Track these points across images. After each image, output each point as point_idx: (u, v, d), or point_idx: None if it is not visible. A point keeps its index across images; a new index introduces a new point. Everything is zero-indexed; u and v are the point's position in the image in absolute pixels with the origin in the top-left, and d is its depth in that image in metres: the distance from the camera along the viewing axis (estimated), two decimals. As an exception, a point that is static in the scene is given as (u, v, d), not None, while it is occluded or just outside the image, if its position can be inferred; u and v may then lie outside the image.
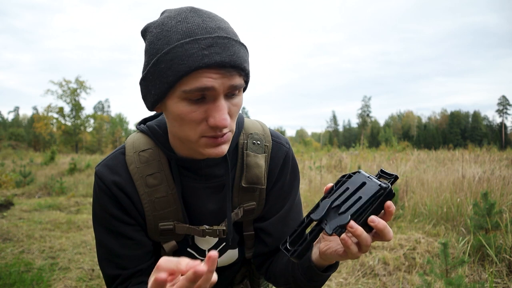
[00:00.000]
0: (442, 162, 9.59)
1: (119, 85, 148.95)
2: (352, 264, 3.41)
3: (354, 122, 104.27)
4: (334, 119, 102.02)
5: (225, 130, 0.68)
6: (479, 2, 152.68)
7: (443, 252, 2.31)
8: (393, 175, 0.61)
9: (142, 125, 0.85)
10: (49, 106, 57.97)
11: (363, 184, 0.61)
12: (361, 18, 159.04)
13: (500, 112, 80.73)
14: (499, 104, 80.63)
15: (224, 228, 0.81)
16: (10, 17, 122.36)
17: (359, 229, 0.59)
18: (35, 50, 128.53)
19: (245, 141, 0.83)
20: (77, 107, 57.98)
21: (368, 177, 0.62)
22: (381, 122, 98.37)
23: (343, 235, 0.60)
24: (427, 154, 14.22)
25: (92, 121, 63.76)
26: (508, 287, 2.72)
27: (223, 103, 0.65)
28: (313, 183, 6.56)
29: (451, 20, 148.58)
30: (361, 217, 0.60)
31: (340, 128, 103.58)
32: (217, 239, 0.86)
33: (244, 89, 0.75)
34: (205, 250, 0.86)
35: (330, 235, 0.60)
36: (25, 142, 60.42)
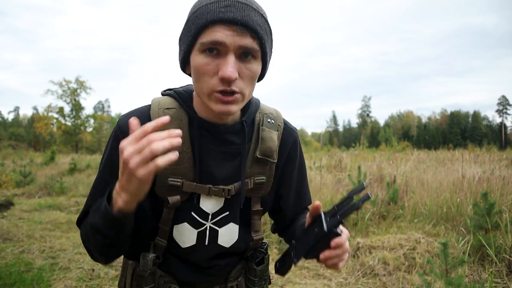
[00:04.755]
0: (442, 162, 9.59)
1: (119, 85, 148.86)
2: (352, 264, 3.41)
3: (354, 122, 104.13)
4: (334, 119, 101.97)
5: (234, 87, 0.73)
6: (478, 2, 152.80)
7: (443, 252, 2.32)
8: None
9: (167, 91, 0.90)
10: (49, 106, 57.94)
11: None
12: (361, 18, 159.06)
13: (500, 112, 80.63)
14: (499, 104, 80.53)
15: (230, 188, 0.85)
16: (11, 18, 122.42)
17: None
18: (36, 50, 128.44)
19: (261, 118, 0.91)
20: (77, 107, 57.91)
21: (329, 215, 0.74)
22: (381, 122, 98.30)
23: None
24: (427, 154, 14.22)
25: (92, 121, 63.67)
26: (508, 287, 2.72)
27: (232, 59, 0.71)
28: (313, 183, 6.55)
29: (451, 20, 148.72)
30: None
31: (340, 128, 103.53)
32: (221, 204, 0.87)
33: (264, 69, 0.81)
34: (208, 214, 0.87)
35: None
36: (25, 142, 60.38)
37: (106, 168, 0.85)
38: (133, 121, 0.63)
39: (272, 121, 0.92)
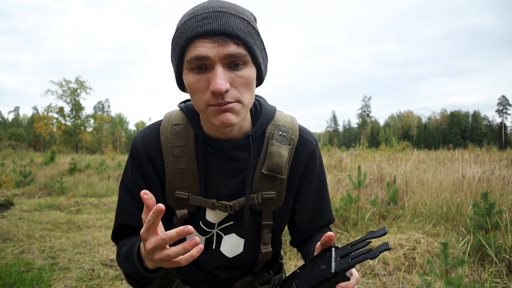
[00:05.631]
0: (442, 162, 9.59)
1: (119, 85, 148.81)
2: (352, 264, 3.42)
3: (354, 122, 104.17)
4: (334, 119, 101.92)
5: (227, 98, 0.72)
6: (477, 3, 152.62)
7: (443, 252, 2.31)
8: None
9: (182, 103, 0.92)
10: (49, 106, 57.95)
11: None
12: (359, 19, 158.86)
13: (500, 112, 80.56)
14: (499, 104, 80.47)
15: (232, 204, 0.86)
16: (12, 19, 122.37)
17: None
18: (37, 51, 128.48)
19: (272, 131, 0.88)
20: (77, 107, 57.92)
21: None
22: (381, 122, 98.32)
23: None
24: (427, 154, 14.22)
25: (92, 121, 63.68)
26: (508, 287, 2.72)
27: (219, 70, 0.70)
28: (313, 183, 6.56)
29: (450, 21, 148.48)
30: None
31: (340, 128, 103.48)
32: (225, 215, 0.89)
33: (261, 72, 0.79)
34: (214, 224, 0.90)
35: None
36: (25, 142, 60.38)
37: (130, 184, 0.90)
38: (144, 195, 0.64)
39: (284, 134, 0.87)
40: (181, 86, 0.82)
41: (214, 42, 0.69)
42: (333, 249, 0.70)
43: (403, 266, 3.24)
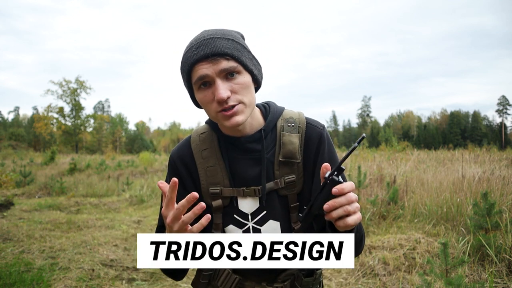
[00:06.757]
0: (442, 162, 9.59)
1: (119, 85, 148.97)
2: (352, 264, 3.42)
3: (354, 122, 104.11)
4: (334, 119, 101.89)
5: (231, 102, 0.89)
6: (477, 3, 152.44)
7: (443, 252, 2.31)
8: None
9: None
10: (49, 106, 57.96)
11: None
12: (359, 19, 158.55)
13: (500, 112, 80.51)
14: (499, 104, 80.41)
15: (259, 188, 0.99)
16: (12, 19, 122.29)
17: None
18: (37, 51, 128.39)
19: (282, 124, 1.03)
20: (77, 107, 57.91)
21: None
22: (381, 122, 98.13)
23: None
24: (427, 154, 14.22)
25: (92, 121, 63.63)
26: (508, 287, 2.72)
27: (219, 83, 0.88)
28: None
29: (449, 21, 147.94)
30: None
31: (340, 128, 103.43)
32: (258, 204, 1.01)
33: (255, 76, 0.94)
34: (247, 214, 1.02)
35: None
36: (25, 142, 60.37)
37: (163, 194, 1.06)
38: (161, 184, 0.84)
39: (292, 124, 1.02)
40: (197, 104, 1.00)
41: (209, 63, 0.87)
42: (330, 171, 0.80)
43: (403, 266, 3.24)
